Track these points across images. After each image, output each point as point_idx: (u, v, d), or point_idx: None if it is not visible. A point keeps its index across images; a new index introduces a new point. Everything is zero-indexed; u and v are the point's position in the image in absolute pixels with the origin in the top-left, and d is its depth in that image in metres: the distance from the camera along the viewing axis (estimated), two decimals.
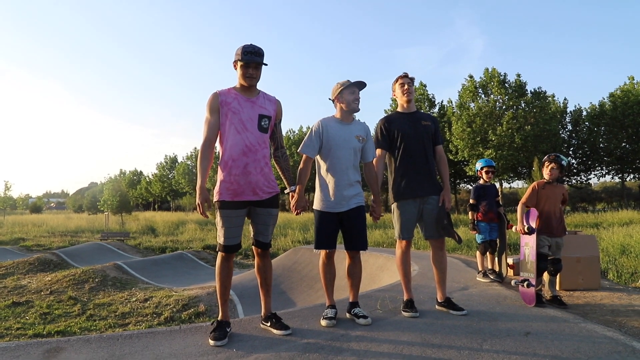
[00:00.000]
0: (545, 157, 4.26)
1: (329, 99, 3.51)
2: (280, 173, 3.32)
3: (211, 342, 2.93)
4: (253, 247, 3.21)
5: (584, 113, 38.34)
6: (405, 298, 3.68)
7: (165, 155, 71.94)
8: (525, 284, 3.98)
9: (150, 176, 72.84)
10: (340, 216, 3.38)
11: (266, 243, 3.17)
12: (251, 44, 2.98)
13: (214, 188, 3.10)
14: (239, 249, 3.13)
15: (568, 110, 38.59)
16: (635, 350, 2.70)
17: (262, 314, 3.32)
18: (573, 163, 39.32)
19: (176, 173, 63.79)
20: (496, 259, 5.43)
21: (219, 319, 3.14)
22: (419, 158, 3.60)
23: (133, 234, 26.45)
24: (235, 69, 3.04)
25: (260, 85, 3.16)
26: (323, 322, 3.34)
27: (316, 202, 3.45)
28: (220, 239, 3.01)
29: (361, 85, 3.40)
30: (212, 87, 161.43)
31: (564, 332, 3.06)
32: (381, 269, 8.39)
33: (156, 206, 74.10)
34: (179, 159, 68.40)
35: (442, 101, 39.90)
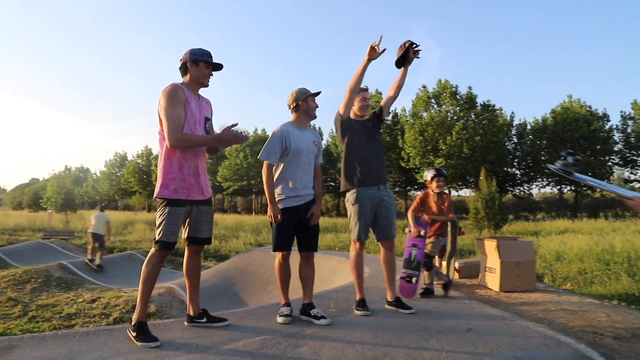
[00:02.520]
0: (432, 171, 5.10)
1: (292, 103, 3.60)
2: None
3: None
4: (189, 246, 3.22)
5: (529, 127, 40.43)
6: (357, 297, 3.87)
7: (115, 153, 69.55)
8: (413, 279, 4.55)
9: (98, 174, 70.13)
10: (299, 215, 3.49)
11: (210, 237, 3.24)
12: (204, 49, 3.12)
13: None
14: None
15: (514, 123, 40.53)
16: (560, 342, 3.02)
17: (193, 312, 3.32)
18: (517, 174, 41.32)
19: (126, 171, 61.74)
20: (444, 262, 5.73)
21: (140, 320, 2.97)
22: (378, 149, 3.91)
23: (78, 233, 25.38)
24: (190, 67, 3.05)
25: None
26: (279, 319, 3.45)
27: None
28: (164, 236, 2.96)
29: (317, 95, 3.62)
30: (162, 83, 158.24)
31: (502, 328, 3.34)
32: (333, 272, 8.58)
33: (103, 205, 71.32)
34: (129, 157, 66.29)
35: (395, 109, 40.92)
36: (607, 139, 37.11)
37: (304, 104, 3.57)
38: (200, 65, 3.06)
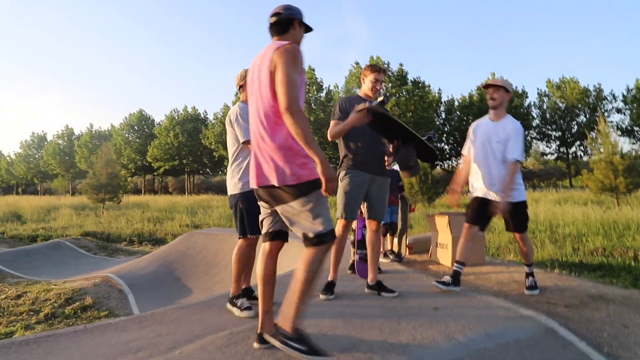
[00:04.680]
0: None
1: (239, 82, 3.47)
2: None
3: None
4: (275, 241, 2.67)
5: (456, 103, 42.19)
6: (329, 278, 3.74)
7: (33, 133, 64.11)
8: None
9: (12, 156, 64.73)
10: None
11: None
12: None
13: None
14: None
15: (442, 100, 42.13)
16: (523, 316, 3.11)
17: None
18: (445, 149, 43.16)
19: (45, 153, 57.50)
20: (395, 240, 5.79)
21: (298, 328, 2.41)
22: (375, 140, 3.70)
23: None
24: (296, 28, 2.54)
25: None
26: (244, 314, 3.19)
27: (241, 184, 3.27)
28: (329, 224, 2.40)
29: None
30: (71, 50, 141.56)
31: (465, 304, 3.39)
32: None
33: (20, 190, 66.15)
34: (49, 137, 61.74)
35: (329, 86, 41.06)
36: (527, 115, 39.64)
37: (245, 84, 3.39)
38: (302, 28, 2.59)
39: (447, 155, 43.49)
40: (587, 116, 39.75)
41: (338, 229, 3.65)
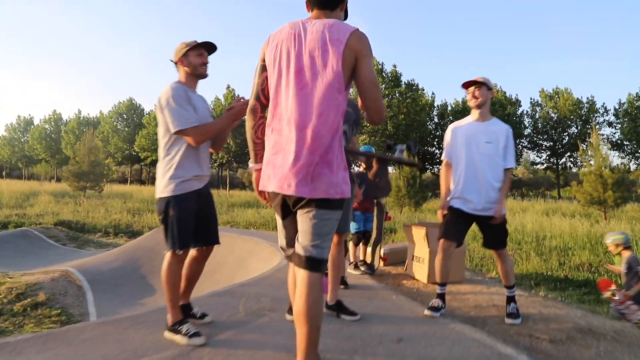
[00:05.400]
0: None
1: (171, 60, 2.87)
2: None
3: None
4: None
5: (449, 108, 41.89)
6: None
7: (19, 116, 62.73)
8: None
9: None
10: (201, 200, 2.78)
11: None
12: None
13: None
14: None
15: (435, 104, 41.82)
16: (501, 355, 2.65)
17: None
18: (436, 153, 42.87)
19: (31, 137, 56.40)
20: (369, 249, 5.33)
21: None
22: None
23: None
24: (342, 6, 2.10)
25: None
26: (193, 341, 2.57)
27: (173, 185, 2.67)
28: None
29: (210, 47, 2.85)
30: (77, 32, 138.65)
31: (436, 335, 2.92)
32: (250, 254, 7.89)
33: (4, 173, 64.91)
34: (36, 122, 60.60)
35: None
36: (519, 123, 39.50)
37: (183, 59, 2.79)
38: (343, 11, 2.18)
39: (438, 160, 43.18)
40: (579, 128, 39.65)
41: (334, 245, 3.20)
